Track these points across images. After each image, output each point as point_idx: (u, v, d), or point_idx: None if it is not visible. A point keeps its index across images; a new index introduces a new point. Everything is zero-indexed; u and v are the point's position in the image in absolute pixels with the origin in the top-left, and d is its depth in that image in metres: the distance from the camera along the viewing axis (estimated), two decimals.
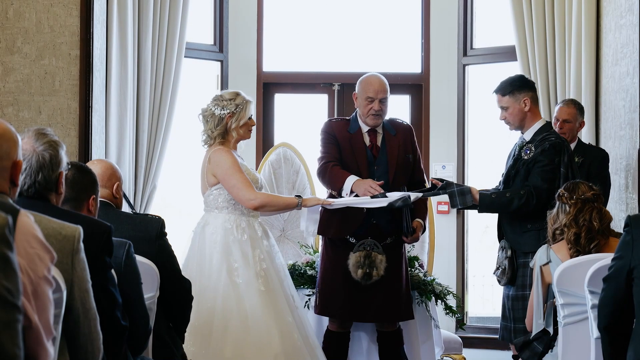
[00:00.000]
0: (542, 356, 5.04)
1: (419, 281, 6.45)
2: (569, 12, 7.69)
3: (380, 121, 6.15)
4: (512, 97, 5.99)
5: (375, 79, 6.16)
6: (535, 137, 5.92)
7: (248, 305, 5.63)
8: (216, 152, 5.86)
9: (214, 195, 5.89)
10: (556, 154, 5.81)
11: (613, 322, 3.88)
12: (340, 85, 8.97)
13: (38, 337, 2.62)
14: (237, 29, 8.90)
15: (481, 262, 9.32)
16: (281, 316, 5.70)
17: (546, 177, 5.77)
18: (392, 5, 9.11)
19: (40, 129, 3.48)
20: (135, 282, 3.94)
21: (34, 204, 3.31)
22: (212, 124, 5.90)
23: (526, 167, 5.87)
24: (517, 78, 6.16)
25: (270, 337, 5.59)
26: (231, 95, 5.95)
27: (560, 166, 5.80)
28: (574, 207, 5.00)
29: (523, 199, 5.79)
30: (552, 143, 5.83)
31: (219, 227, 5.84)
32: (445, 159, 8.81)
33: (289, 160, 7.71)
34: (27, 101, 7.11)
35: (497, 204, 5.89)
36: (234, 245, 5.79)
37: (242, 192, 5.78)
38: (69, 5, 7.15)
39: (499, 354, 8.30)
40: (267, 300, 5.70)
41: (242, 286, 5.69)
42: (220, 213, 5.88)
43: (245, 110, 5.92)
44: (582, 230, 4.94)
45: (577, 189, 5.06)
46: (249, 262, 5.76)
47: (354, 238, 6.06)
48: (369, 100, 6.10)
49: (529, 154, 5.87)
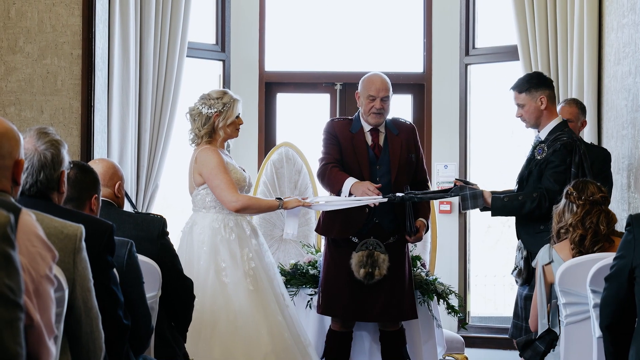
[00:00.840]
0: (544, 355, 5.04)
1: (421, 281, 6.46)
2: (571, 12, 7.68)
3: (381, 120, 6.16)
4: (528, 94, 5.97)
5: (377, 78, 6.17)
6: (549, 137, 5.91)
7: (237, 305, 5.63)
8: (202, 151, 5.87)
9: (201, 195, 5.90)
10: (567, 154, 5.79)
11: (615, 321, 3.89)
12: (343, 84, 8.96)
13: (40, 335, 2.62)
14: (239, 28, 8.90)
15: (483, 262, 9.33)
16: (270, 315, 5.70)
17: (558, 179, 5.74)
18: (394, 5, 9.11)
19: (42, 128, 3.48)
20: (137, 281, 3.94)
21: (36, 203, 3.31)
22: (199, 122, 5.91)
23: (539, 167, 5.86)
24: (535, 75, 6.15)
25: (259, 337, 5.60)
26: (218, 94, 5.95)
27: (571, 166, 5.79)
28: (582, 209, 4.98)
29: (535, 202, 5.77)
30: (564, 143, 5.82)
31: (206, 227, 5.84)
32: (448, 159, 8.79)
33: (291, 159, 7.71)
34: (29, 101, 7.11)
35: (510, 207, 5.87)
36: (221, 245, 5.79)
37: (224, 193, 5.78)
38: (71, 4, 7.14)
39: (501, 354, 8.29)
40: (256, 300, 5.70)
41: (230, 286, 5.70)
42: (208, 213, 5.88)
43: (232, 109, 5.92)
44: (588, 233, 4.94)
45: (586, 189, 5.04)
46: (237, 262, 5.76)
47: (357, 237, 6.07)
48: (370, 98, 6.11)
49: (542, 154, 5.87)
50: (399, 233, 6.13)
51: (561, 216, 5.08)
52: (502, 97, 8.82)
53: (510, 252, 9.38)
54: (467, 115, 8.81)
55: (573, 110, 6.71)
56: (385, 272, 6.01)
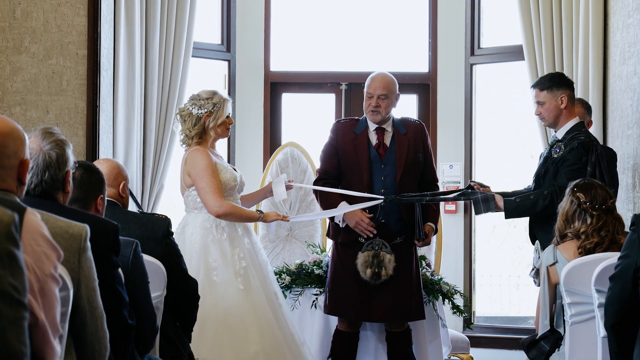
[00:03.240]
0: (549, 355, 5.03)
1: (426, 280, 6.46)
2: (576, 12, 7.67)
3: (377, 118, 6.13)
4: (550, 92, 5.99)
5: (377, 76, 6.17)
6: (566, 136, 5.94)
7: (226, 304, 5.64)
8: (192, 152, 5.87)
9: (192, 196, 5.91)
10: (584, 153, 5.81)
11: (620, 320, 3.88)
12: (348, 84, 8.96)
13: (45, 335, 2.63)
14: (244, 28, 8.90)
15: (489, 262, 9.32)
16: (261, 314, 5.71)
17: (572, 177, 5.74)
18: (400, 5, 9.11)
19: (47, 128, 3.48)
20: (142, 281, 3.95)
21: (41, 202, 3.31)
22: (189, 123, 5.91)
23: (555, 165, 5.88)
24: (558, 75, 6.21)
25: (248, 336, 5.61)
26: (208, 94, 5.95)
27: (587, 165, 5.80)
28: (597, 219, 4.99)
29: (547, 199, 5.78)
30: (581, 142, 5.84)
31: (197, 227, 5.85)
32: (453, 159, 8.79)
33: (296, 160, 7.71)
34: (35, 101, 7.12)
35: (522, 207, 5.88)
36: (212, 245, 5.81)
37: (208, 197, 5.78)
38: (76, 4, 7.16)
39: (506, 354, 8.29)
40: (246, 299, 5.71)
41: (220, 285, 5.71)
42: (200, 213, 5.89)
43: (222, 109, 5.92)
44: (605, 241, 4.95)
45: (597, 195, 5.03)
46: (228, 261, 5.77)
47: (363, 238, 6.07)
48: (368, 95, 6.13)
49: (559, 153, 5.89)
50: (405, 233, 6.12)
51: (568, 220, 5.07)
52: (508, 97, 8.83)
53: (516, 252, 9.40)
54: (473, 115, 8.81)
55: (578, 109, 6.70)
56: (392, 273, 6.00)
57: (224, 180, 5.85)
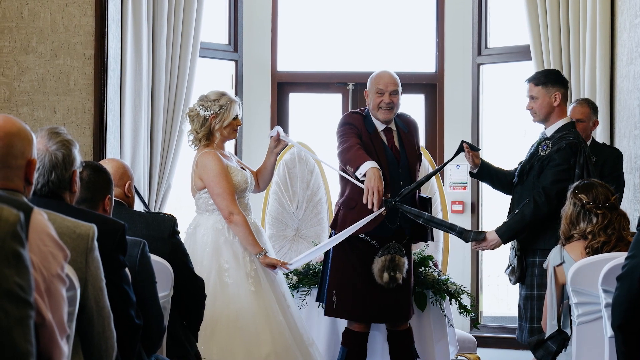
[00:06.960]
0: (556, 355, 5.03)
1: (433, 280, 6.44)
2: (583, 11, 7.67)
3: (391, 116, 6.08)
4: (544, 88, 5.98)
5: (384, 73, 6.14)
6: (555, 134, 5.92)
7: (238, 306, 5.64)
8: (203, 155, 5.85)
9: (203, 198, 5.90)
10: (572, 154, 5.79)
11: (627, 320, 3.87)
12: (355, 84, 8.96)
13: (52, 334, 2.63)
14: (251, 28, 8.91)
15: (496, 262, 9.31)
16: (272, 316, 5.71)
17: (558, 177, 5.75)
18: (407, 5, 9.11)
19: (54, 128, 3.49)
20: (149, 280, 3.95)
21: (48, 202, 3.32)
22: (197, 124, 5.91)
23: (540, 163, 5.87)
24: (553, 72, 6.19)
25: (260, 337, 5.60)
26: (216, 95, 5.93)
27: (575, 167, 5.78)
28: (603, 218, 4.99)
29: (531, 204, 5.77)
30: (569, 143, 5.81)
31: (209, 229, 5.84)
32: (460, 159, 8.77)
33: (303, 159, 7.71)
34: (42, 101, 7.14)
35: (513, 223, 5.85)
36: (224, 246, 5.80)
37: (225, 203, 5.78)
38: (83, 5, 7.17)
39: (513, 354, 8.28)
40: (257, 301, 5.70)
41: (232, 287, 5.70)
42: (212, 215, 5.88)
43: (229, 110, 5.90)
44: (612, 239, 4.95)
45: (599, 194, 5.03)
46: (240, 263, 5.77)
47: (376, 241, 6.01)
48: (379, 92, 6.04)
49: (545, 151, 5.87)
50: (411, 234, 6.11)
51: (573, 222, 5.07)
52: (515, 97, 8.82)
53: None
54: (480, 115, 8.80)
55: (585, 110, 6.70)
56: (405, 275, 5.99)
57: (235, 182, 5.85)
